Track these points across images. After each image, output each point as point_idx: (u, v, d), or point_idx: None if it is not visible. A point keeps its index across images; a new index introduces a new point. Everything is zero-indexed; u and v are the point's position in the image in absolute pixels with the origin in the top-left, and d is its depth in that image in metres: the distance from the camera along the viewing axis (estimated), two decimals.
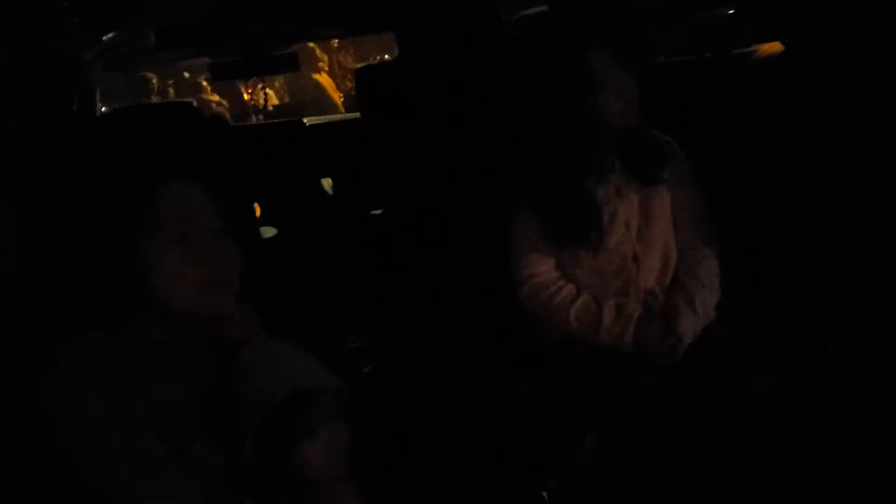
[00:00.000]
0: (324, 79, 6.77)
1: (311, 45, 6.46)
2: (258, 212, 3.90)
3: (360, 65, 7.25)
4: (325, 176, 3.91)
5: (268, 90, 6.70)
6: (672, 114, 2.13)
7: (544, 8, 3.18)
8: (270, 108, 6.99)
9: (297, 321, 2.67)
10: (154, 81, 6.85)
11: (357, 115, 3.41)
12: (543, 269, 2.00)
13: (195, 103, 5.50)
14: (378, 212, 3.10)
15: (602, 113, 1.89)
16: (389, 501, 2.06)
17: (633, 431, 1.80)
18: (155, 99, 6.76)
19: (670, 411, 1.81)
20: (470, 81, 2.53)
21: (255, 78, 5.89)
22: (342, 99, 6.89)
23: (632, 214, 1.98)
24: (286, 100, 7.38)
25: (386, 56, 6.95)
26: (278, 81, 7.34)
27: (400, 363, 2.60)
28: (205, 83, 7.11)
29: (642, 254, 1.98)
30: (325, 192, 3.86)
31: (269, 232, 3.49)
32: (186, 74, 7.33)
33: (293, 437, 1.34)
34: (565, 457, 1.96)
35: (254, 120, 6.28)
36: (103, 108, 5.99)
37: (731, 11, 2.67)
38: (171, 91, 7.29)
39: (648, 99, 1.89)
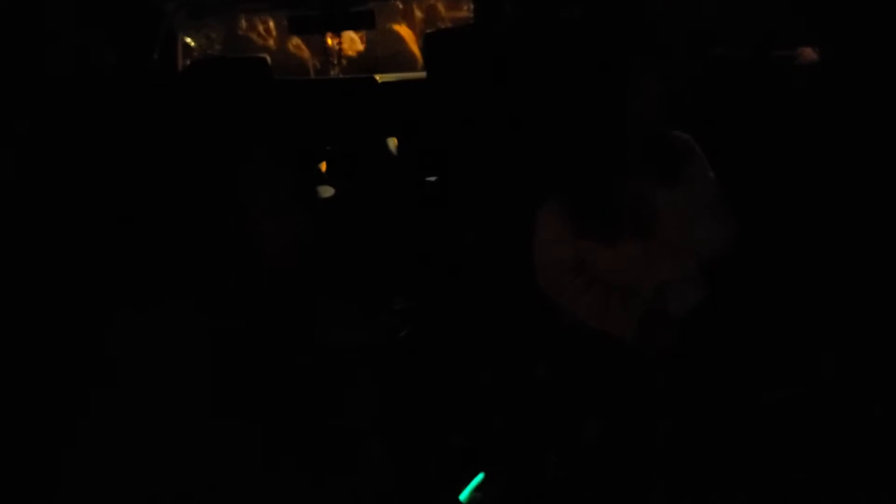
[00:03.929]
0: (405, 31, 6.81)
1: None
2: (324, 168, 4.03)
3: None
4: (392, 135, 3.99)
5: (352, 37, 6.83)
6: (704, 109, 2.16)
7: None
8: (353, 54, 7.10)
9: (346, 279, 2.82)
10: (243, 23, 7.06)
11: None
12: (562, 257, 2.08)
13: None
14: (432, 179, 3.19)
15: (632, 121, 1.95)
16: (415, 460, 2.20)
17: (630, 421, 1.90)
18: (242, 35, 6.97)
19: (667, 405, 1.89)
20: (525, 62, 2.58)
21: None
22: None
23: (650, 213, 2.03)
24: (369, 50, 7.45)
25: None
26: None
27: (434, 330, 2.70)
28: None
29: (655, 250, 2.04)
30: (389, 152, 3.95)
31: (327, 192, 3.60)
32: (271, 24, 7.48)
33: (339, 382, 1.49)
34: (567, 438, 2.06)
35: (333, 71, 6.38)
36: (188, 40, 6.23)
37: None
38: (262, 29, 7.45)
39: (677, 102, 1.93)
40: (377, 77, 4.15)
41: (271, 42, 7.12)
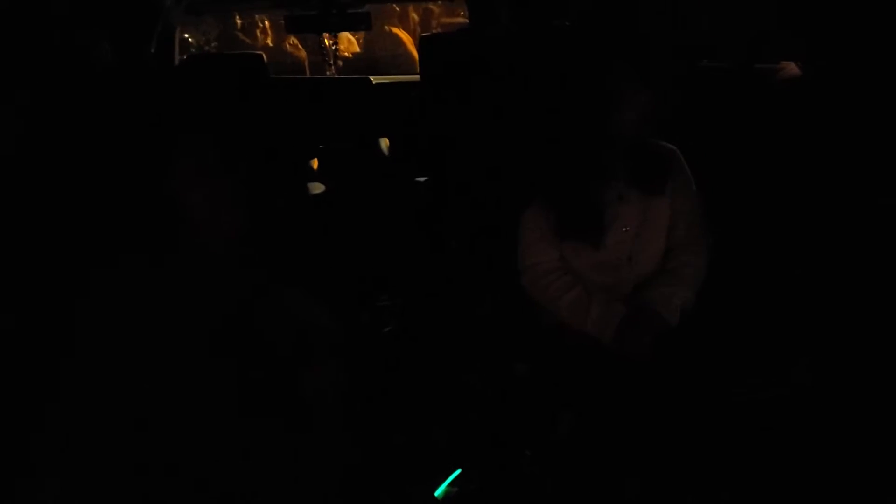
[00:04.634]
0: (403, 34, 6.83)
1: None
2: (315, 165, 4.07)
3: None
4: (384, 135, 4.03)
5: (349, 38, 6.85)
6: (689, 121, 2.20)
7: None
8: (349, 55, 7.11)
9: (331, 275, 2.85)
10: (239, 21, 7.10)
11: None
12: (545, 259, 2.12)
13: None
14: (422, 179, 3.23)
15: (614, 127, 1.98)
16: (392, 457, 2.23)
17: (603, 419, 1.94)
18: (237, 33, 7.00)
19: (642, 404, 1.93)
20: (515, 69, 2.63)
21: None
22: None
23: (632, 218, 2.08)
24: (366, 51, 7.46)
25: None
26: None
27: (418, 326, 2.74)
28: None
29: (637, 254, 2.10)
30: (381, 152, 3.99)
31: (317, 188, 3.64)
32: (266, 23, 7.49)
33: (294, 363, 1.53)
34: (541, 433, 2.10)
35: (329, 71, 6.40)
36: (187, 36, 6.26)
37: None
38: (258, 30, 7.48)
39: (664, 109, 1.96)
40: (372, 78, 4.20)
41: (268, 40, 7.14)
